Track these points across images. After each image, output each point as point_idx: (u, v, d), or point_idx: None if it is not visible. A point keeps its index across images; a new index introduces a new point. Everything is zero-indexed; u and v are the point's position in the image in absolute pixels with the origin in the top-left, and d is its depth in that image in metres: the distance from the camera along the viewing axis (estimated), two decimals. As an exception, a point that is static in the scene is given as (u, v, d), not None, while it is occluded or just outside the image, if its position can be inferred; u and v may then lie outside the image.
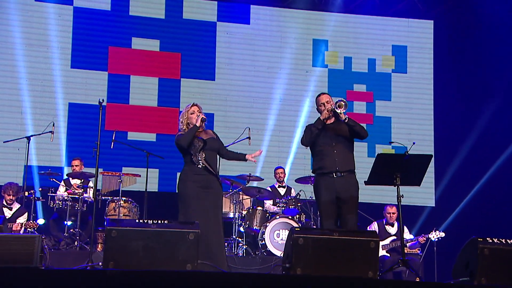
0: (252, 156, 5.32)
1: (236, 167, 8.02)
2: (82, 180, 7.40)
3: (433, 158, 9.18)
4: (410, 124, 9.70)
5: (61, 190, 7.43)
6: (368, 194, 8.74)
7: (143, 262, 4.16)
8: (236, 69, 9.39)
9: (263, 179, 8.03)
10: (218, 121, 9.06)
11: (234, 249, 7.16)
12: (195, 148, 5.16)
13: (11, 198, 6.82)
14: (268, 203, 7.96)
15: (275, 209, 7.71)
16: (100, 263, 4.43)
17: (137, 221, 4.36)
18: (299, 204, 7.53)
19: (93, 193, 7.34)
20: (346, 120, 5.08)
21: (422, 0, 9.89)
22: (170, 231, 4.26)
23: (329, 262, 4.21)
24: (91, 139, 7.97)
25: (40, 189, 7.51)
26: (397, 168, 4.86)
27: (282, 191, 8.07)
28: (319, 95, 5.36)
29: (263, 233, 7.13)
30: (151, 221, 4.34)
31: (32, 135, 7.35)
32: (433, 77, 9.84)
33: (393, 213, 7.18)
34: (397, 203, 5.00)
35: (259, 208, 7.54)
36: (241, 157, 5.42)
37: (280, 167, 8.29)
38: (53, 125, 7.09)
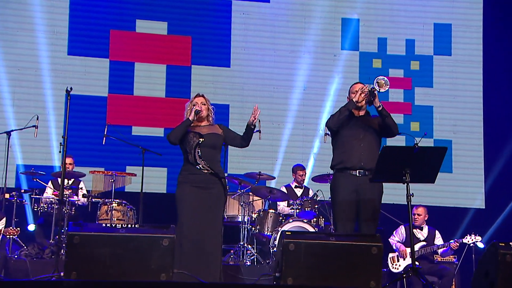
0: (253, 118, 5.05)
1: (246, 165, 7.88)
2: (73, 180, 7.19)
3: (482, 153, 8.73)
4: (455, 114, 9.00)
5: (49, 192, 7.09)
6: (396, 194, 8.32)
7: (110, 272, 4.07)
8: (254, 54, 8.92)
9: (274, 178, 7.76)
10: (234, 112, 8.61)
11: (242, 258, 6.81)
12: (190, 144, 4.98)
13: None
14: (282, 205, 7.60)
15: (289, 211, 7.34)
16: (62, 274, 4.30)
17: (104, 225, 4.29)
18: (316, 206, 7.23)
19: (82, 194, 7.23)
20: (380, 108, 4.84)
21: None
22: (141, 237, 4.15)
23: (324, 271, 4.12)
24: (91, 135, 7.96)
25: (23, 190, 7.23)
26: (407, 162, 4.58)
27: (298, 191, 7.69)
28: (354, 84, 5.14)
29: (275, 238, 6.78)
30: (120, 225, 4.24)
31: (12, 130, 7.06)
32: (483, 59, 9.05)
33: (419, 215, 6.91)
34: (406, 203, 4.66)
35: (270, 210, 7.21)
36: (249, 130, 5.14)
37: (301, 167, 7.77)
38: (37, 118, 6.72)
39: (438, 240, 6.74)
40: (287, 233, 4.22)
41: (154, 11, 8.69)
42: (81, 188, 7.26)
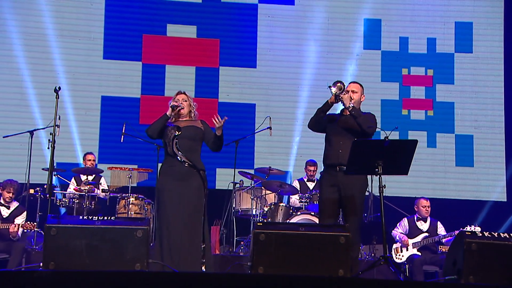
0: (217, 122, 4.97)
1: (272, 161, 7.82)
2: (94, 176, 7.28)
3: (503, 148, 8.69)
4: (477, 110, 8.96)
5: (71, 188, 7.28)
6: (400, 187, 8.48)
7: (86, 262, 4.07)
8: (279, 55, 8.94)
9: (284, 172, 7.85)
10: (260, 111, 8.64)
11: None
12: (168, 137, 4.92)
13: (10, 196, 6.68)
14: (294, 198, 7.63)
15: (299, 204, 7.37)
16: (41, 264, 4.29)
17: (80, 217, 4.27)
18: None
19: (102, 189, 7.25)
20: (350, 109, 4.87)
21: None
22: (115, 228, 4.14)
23: (294, 260, 4.09)
24: (117, 137, 7.77)
25: (45, 186, 7.19)
26: (378, 155, 4.60)
27: (311, 185, 7.70)
28: (349, 83, 5.26)
29: None
30: (96, 217, 4.23)
31: (35, 129, 7.19)
32: (504, 56, 8.96)
33: (429, 207, 6.91)
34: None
35: (281, 204, 7.22)
36: (215, 138, 5.06)
37: (311, 163, 7.78)
38: (59, 118, 6.77)
39: (441, 230, 6.76)
40: (258, 224, 4.28)
41: (184, 16, 8.79)
42: (101, 184, 7.37)
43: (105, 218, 4.29)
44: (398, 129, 7.58)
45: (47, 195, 6.71)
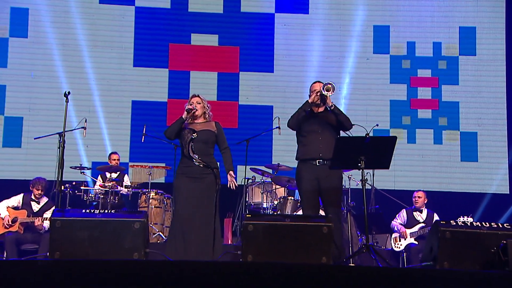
0: (230, 181, 5.13)
1: (277, 158, 8.03)
2: (118, 173, 7.57)
3: (506, 144, 8.97)
4: (480, 108, 9.18)
5: (97, 184, 7.57)
6: (411, 181, 8.72)
7: (89, 252, 4.15)
8: (294, 60, 9.17)
9: (292, 168, 7.99)
10: (277, 113, 8.67)
11: None
12: (185, 139, 5.08)
13: (39, 192, 6.88)
14: None
15: None
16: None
17: (83, 211, 4.35)
18: None
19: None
20: (332, 107, 5.02)
21: None
22: (115, 221, 4.24)
23: (280, 249, 4.15)
24: (149, 138, 8.03)
25: (74, 183, 7.50)
26: (360, 151, 4.70)
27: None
28: (313, 83, 5.25)
29: None
30: (97, 210, 4.36)
31: (64, 131, 7.39)
32: (506, 58, 9.20)
33: (419, 197, 7.11)
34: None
35: (290, 197, 7.33)
36: (225, 166, 5.20)
37: None
38: (85, 121, 7.01)
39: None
40: (247, 215, 4.32)
41: (207, 26, 9.09)
42: (125, 181, 7.60)
43: (105, 211, 4.43)
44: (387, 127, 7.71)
45: (76, 191, 7.36)
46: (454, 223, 4.33)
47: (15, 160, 8.46)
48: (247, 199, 7.44)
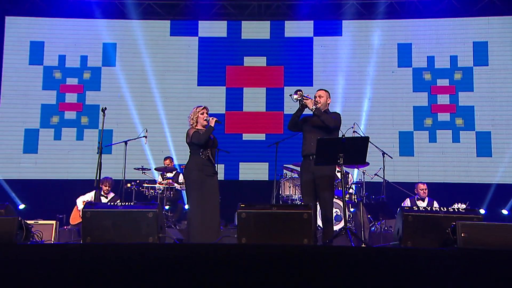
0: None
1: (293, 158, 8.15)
2: (174, 173, 8.38)
3: None
4: (493, 111, 9.88)
5: (163, 182, 8.31)
6: (434, 175, 9.35)
7: (113, 237, 4.45)
8: (330, 75, 10.07)
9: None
10: None
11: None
12: (208, 145, 5.54)
13: (107, 188, 7.68)
14: None
15: None
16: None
17: (108, 203, 4.71)
18: (347, 186, 7.85)
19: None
20: (313, 111, 5.32)
21: None
22: (133, 211, 4.55)
23: (269, 232, 4.37)
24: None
25: (138, 181, 8.20)
26: (339, 150, 4.93)
27: (339, 175, 7.86)
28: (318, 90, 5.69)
29: None
30: (120, 203, 4.72)
31: (128, 140, 7.97)
32: None
33: (425, 189, 7.54)
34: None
35: None
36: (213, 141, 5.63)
37: None
38: (146, 131, 7.85)
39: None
40: (241, 205, 4.52)
41: (257, 50, 10.19)
42: (179, 179, 8.22)
43: (126, 203, 4.77)
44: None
45: (140, 187, 7.98)
46: (416, 209, 4.65)
47: (105, 164, 9.59)
48: (280, 192, 7.90)
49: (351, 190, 7.82)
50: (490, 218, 8.58)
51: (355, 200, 7.64)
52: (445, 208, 4.68)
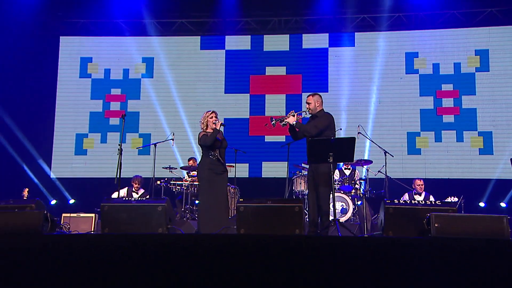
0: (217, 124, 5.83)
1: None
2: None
3: None
4: (494, 113, 10.31)
5: (186, 179, 8.63)
6: (440, 171, 9.80)
7: (128, 228, 4.69)
8: (344, 82, 10.62)
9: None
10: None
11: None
12: (215, 146, 5.88)
13: (137, 185, 8.18)
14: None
15: (335, 186, 7.81)
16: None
17: (124, 198, 5.00)
18: (353, 182, 8.40)
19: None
20: (295, 125, 5.66)
21: (501, 10, 10.42)
22: (144, 205, 4.81)
23: (264, 224, 4.59)
24: (239, 144, 9.38)
25: (166, 179, 8.58)
26: (328, 149, 5.17)
27: (347, 172, 8.84)
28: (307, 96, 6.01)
29: None
30: (133, 198, 4.99)
31: (157, 142, 8.52)
32: None
33: (422, 185, 7.98)
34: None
35: None
36: (220, 142, 5.89)
37: None
38: (173, 134, 8.57)
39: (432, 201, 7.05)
40: (240, 200, 4.81)
41: (277, 60, 10.79)
42: None
43: (139, 198, 4.99)
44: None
45: (167, 184, 8.26)
46: (397, 202, 4.86)
47: (144, 164, 10.25)
48: (293, 188, 8.24)
49: (357, 186, 8.26)
50: (490, 210, 9.20)
51: (360, 194, 7.98)
52: (423, 201, 4.80)
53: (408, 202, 4.97)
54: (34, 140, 10.88)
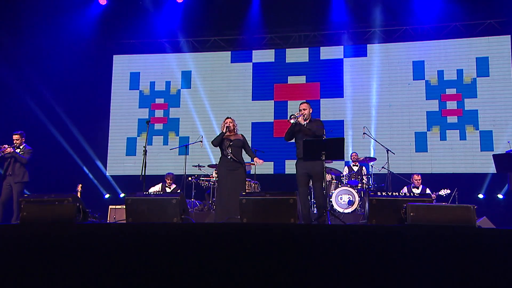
0: (256, 161, 6.23)
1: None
2: None
3: None
4: (494, 114, 10.80)
5: (214, 176, 8.91)
6: (445, 166, 10.25)
7: (148, 218, 4.81)
8: (357, 88, 11.30)
9: (332, 161, 9.21)
10: (346, 125, 11.08)
11: (312, 208, 8.01)
12: (225, 145, 6.26)
13: (169, 181, 8.67)
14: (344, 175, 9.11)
15: (343, 181, 8.91)
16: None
17: (144, 193, 5.06)
18: (359, 177, 8.89)
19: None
20: (305, 125, 5.98)
21: (499, 21, 10.98)
22: (161, 198, 4.91)
23: (264, 214, 4.71)
24: (262, 146, 10.18)
25: (195, 175, 8.99)
26: (321, 148, 5.38)
27: (355, 168, 9.43)
28: (301, 103, 6.32)
29: (330, 196, 8.46)
30: (152, 192, 5.12)
31: (188, 144, 9.41)
32: None
33: (419, 179, 8.41)
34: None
35: (333, 181, 8.87)
36: (251, 157, 6.30)
37: (355, 153, 9.56)
38: (202, 137, 9.43)
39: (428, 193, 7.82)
40: (243, 193, 4.83)
41: (298, 70, 11.44)
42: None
43: (156, 192, 5.14)
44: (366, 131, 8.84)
45: (197, 180, 8.48)
46: (380, 194, 4.85)
47: (178, 162, 10.69)
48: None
49: (364, 180, 8.76)
50: (488, 201, 9.83)
51: (365, 187, 8.46)
52: (403, 193, 4.81)
53: (407, 194, 5.07)
54: (92, 144, 11.78)
